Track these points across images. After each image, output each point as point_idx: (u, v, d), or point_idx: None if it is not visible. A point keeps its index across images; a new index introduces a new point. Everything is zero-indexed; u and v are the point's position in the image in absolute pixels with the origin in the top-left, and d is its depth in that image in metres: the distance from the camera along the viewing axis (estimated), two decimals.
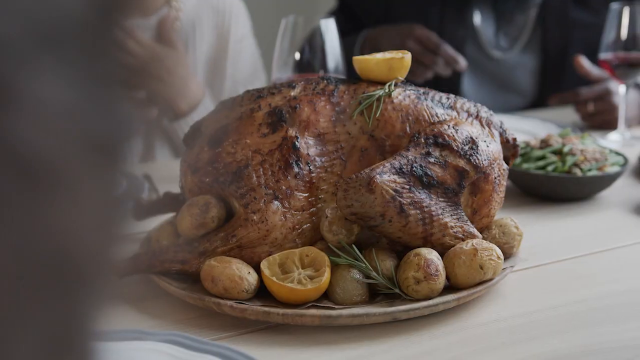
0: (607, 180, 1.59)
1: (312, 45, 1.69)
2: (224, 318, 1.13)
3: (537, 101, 2.59)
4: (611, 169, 1.60)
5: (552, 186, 1.59)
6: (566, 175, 1.57)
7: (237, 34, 2.19)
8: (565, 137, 1.69)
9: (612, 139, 2.09)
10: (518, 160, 1.65)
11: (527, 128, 2.08)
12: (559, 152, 1.63)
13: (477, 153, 1.20)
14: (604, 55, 2.05)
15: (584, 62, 2.24)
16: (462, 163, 1.19)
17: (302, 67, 1.70)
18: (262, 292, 1.14)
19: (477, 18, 2.49)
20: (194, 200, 1.20)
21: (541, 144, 1.67)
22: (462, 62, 2.22)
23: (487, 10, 2.50)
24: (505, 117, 2.17)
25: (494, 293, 1.21)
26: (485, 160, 1.21)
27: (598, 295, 1.20)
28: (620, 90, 2.07)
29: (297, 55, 1.70)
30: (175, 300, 1.19)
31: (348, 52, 1.97)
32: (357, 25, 2.61)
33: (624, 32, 2.01)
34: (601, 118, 2.22)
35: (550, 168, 1.59)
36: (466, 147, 1.20)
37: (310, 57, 1.69)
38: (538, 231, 1.47)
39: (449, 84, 2.53)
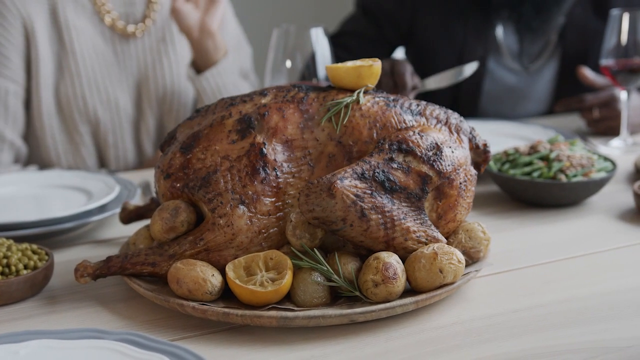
0: (592, 186, 1.59)
1: (303, 53, 1.72)
2: (188, 319, 1.17)
3: (553, 107, 2.58)
4: (597, 175, 1.60)
5: (537, 192, 1.59)
6: (551, 181, 1.57)
7: None
8: (554, 143, 1.69)
9: (614, 145, 2.08)
10: (506, 166, 1.66)
11: (527, 134, 2.08)
12: (546, 158, 1.63)
13: (441, 159, 1.22)
14: (605, 62, 2.04)
15: (588, 72, 2.23)
16: (425, 168, 1.21)
17: (293, 75, 1.73)
18: (229, 295, 1.17)
19: (499, 32, 2.49)
20: (164, 205, 1.23)
21: (529, 150, 1.67)
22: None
23: (510, 25, 2.49)
24: (507, 124, 2.18)
25: (457, 297, 1.23)
26: (449, 165, 1.23)
27: (562, 299, 1.21)
28: (621, 96, 2.07)
29: (289, 64, 1.73)
30: (146, 301, 1.23)
31: None
32: (379, 33, 2.61)
33: (624, 38, 2.01)
34: (606, 124, 2.22)
35: (535, 174, 1.60)
36: (430, 153, 1.22)
37: (302, 65, 1.73)
38: (518, 236, 1.49)
39: (468, 100, 2.53)
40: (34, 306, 1.23)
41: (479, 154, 1.33)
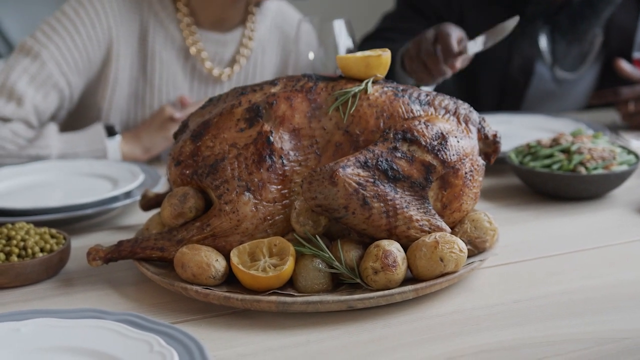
0: (612, 179, 1.57)
1: (326, 45, 1.74)
2: (192, 302, 1.20)
3: (589, 100, 2.55)
4: (618, 168, 1.58)
5: (556, 184, 1.58)
6: (570, 173, 1.56)
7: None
8: (577, 135, 1.68)
9: None
10: (527, 158, 1.65)
11: (558, 127, 2.06)
12: (567, 151, 1.62)
13: (446, 148, 1.22)
14: (638, 55, 2.01)
15: (625, 65, 2.20)
16: (429, 158, 1.21)
17: (316, 67, 1.74)
18: (234, 280, 1.20)
19: (542, 41, 2.46)
20: (174, 191, 1.26)
21: (551, 142, 1.66)
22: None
23: (552, 33, 2.45)
24: (538, 117, 2.16)
25: (461, 286, 1.23)
26: (454, 155, 1.23)
27: (565, 291, 1.21)
28: None
29: (311, 55, 1.75)
30: (154, 285, 1.26)
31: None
32: (422, 25, 2.59)
33: None
34: None
35: (555, 166, 1.59)
36: (435, 143, 1.22)
37: (325, 58, 1.74)
38: (532, 228, 1.48)
39: (511, 104, 2.51)
40: (48, 288, 1.27)
41: (489, 145, 1.33)
